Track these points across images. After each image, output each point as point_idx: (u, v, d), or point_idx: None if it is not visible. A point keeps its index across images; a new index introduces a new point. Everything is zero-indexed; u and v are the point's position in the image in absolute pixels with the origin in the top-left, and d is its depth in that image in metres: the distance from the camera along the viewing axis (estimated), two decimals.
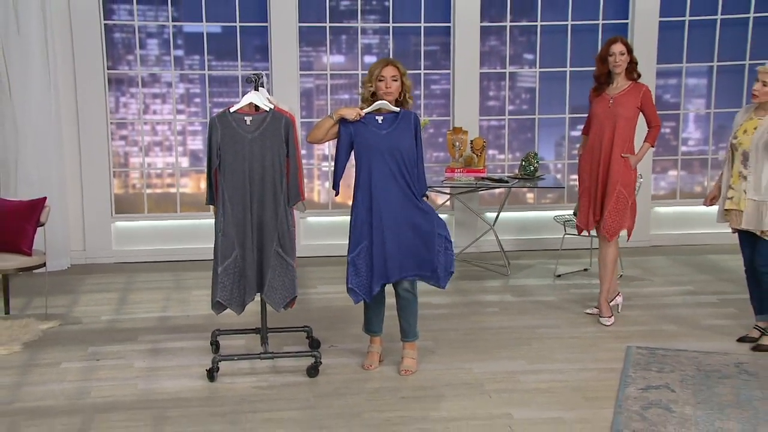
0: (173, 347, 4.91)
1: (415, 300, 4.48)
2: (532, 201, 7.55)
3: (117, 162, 7.08)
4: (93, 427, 3.86)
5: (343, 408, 4.05)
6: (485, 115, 7.31)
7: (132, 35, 6.92)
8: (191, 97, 7.14)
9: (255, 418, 3.94)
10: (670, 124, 7.45)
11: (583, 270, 6.62)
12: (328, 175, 7.30)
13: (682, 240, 7.42)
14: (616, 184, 5.16)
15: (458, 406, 4.05)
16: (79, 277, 6.52)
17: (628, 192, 5.20)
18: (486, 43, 7.24)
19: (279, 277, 4.30)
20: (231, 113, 4.25)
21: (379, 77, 4.31)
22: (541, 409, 4.01)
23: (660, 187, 7.61)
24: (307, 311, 5.55)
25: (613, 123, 5.16)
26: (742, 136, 4.70)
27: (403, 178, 4.29)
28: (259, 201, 4.26)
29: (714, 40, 7.31)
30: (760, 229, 4.64)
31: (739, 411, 3.92)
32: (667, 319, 5.36)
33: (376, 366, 4.55)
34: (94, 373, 4.51)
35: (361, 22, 7.10)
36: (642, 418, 3.86)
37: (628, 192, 5.20)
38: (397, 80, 4.33)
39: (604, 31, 7.16)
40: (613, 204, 5.17)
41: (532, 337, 5.04)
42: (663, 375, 4.38)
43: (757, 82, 4.63)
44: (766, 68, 4.61)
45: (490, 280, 6.41)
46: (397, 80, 4.33)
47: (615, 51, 5.13)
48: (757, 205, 4.64)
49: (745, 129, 4.71)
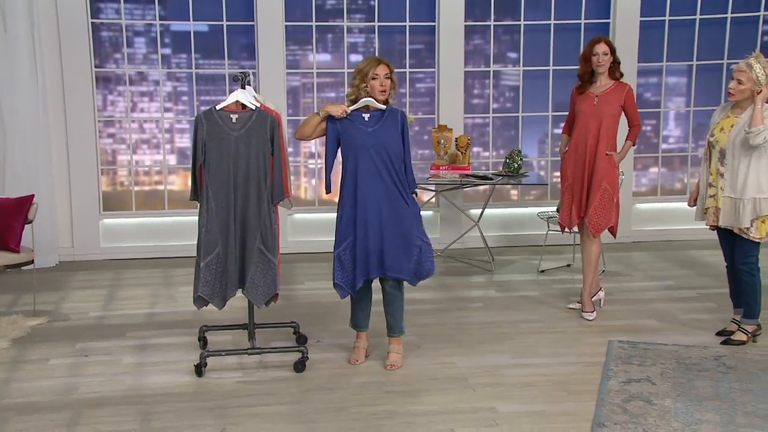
0: (161, 343, 4.94)
1: (401, 296, 4.54)
2: (516, 198, 7.62)
3: (105, 159, 7.10)
4: (81, 422, 3.89)
5: (330, 402, 4.10)
6: (470, 113, 7.38)
7: (119, 34, 6.93)
8: (179, 95, 7.17)
9: (242, 412, 3.98)
10: (650, 121, 7.55)
11: (566, 266, 6.70)
12: (314, 172, 7.35)
13: (663, 236, 7.52)
14: (602, 181, 5.24)
15: (443, 400, 4.10)
16: (67, 274, 6.54)
17: (613, 189, 5.27)
18: (470, 42, 7.31)
19: (261, 274, 4.34)
20: (217, 111, 4.29)
21: (373, 76, 4.35)
22: (524, 403, 4.07)
23: (641, 183, 7.71)
24: (294, 307, 5.59)
25: (598, 121, 5.23)
26: (719, 134, 4.75)
27: (389, 175, 4.34)
28: (243, 198, 4.30)
29: (693, 40, 7.41)
30: (738, 227, 4.68)
31: (718, 403, 4.01)
32: (648, 314, 5.45)
33: (362, 361, 4.61)
34: (82, 369, 4.55)
35: (347, 21, 7.15)
36: (623, 410, 3.93)
37: (613, 189, 5.27)
38: (389, 78, 4.39)
39: (586, 30, 7.25)
40: (598, 201, 5.24)
41: (516, 332, 5.11)
42: (644, 368, 4.46)
43: (733, 80, 4.68)
44: (741, 66, 4.64)
45: (474, 276, 6.48)
46: (389, 78, 4.39)
47: (599, 51, 5.20)
48: (733, 203, 4.68)
49: (722, 127, 4.76)
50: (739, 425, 3.76)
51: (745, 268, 4.76)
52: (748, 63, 4.61)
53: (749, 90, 4.62)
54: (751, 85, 4.61)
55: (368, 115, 4.36)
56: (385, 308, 4.56)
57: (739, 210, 4.65)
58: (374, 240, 4.34)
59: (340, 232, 4.41)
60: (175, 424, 3.86)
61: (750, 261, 4.75)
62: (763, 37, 7.43)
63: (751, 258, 4.74)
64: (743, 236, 4.69)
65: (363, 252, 4.35)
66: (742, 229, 4.67)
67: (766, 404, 3.99)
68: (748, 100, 4.67)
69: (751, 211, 4.63)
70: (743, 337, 4.85)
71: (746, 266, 4.76)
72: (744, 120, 4.65)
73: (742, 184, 4.64)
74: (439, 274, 6.51)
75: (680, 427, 3.74)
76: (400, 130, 4.36)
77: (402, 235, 4.36)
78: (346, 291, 4.42)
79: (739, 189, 4.66)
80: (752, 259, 4.75)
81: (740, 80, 4.62)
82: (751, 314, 4.85)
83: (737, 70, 4.65)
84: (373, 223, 4.33)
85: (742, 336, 4.85)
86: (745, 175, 4.63)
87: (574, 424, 3.83)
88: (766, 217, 4.63)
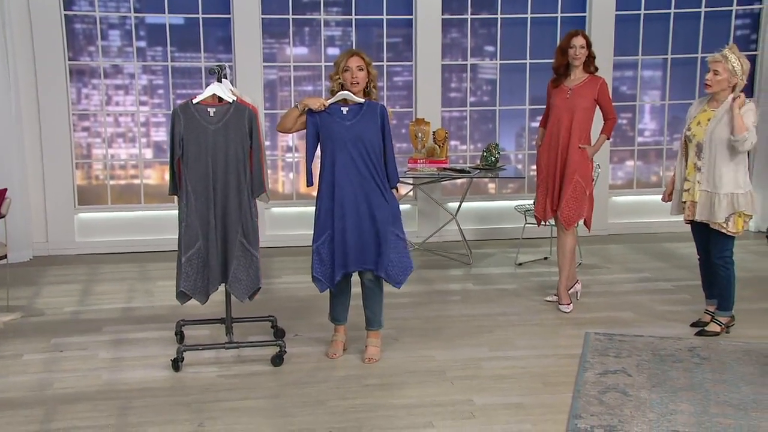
0: (138, 338, 4.91)
1: (379, 290, 4.54)
2: (493, 191, 7.65)
3: (79, 153, 7.03)
4: (56, 418, 3.85)
5: (308, 396, 4.09)
6: (447, 107, 7.39)
7: (93, 26, 6.86)
8: (154, 89, 7.11)
9: (220, 407, 3.97)
10: (626, 115, 7.60)
11: (543, 258, 6.74)
12: (292, 166, 7.33)
13: (639, 228, 7.59)
14: (573, 174, 5.27)
15: (421, 393, 4.12)
16: (42, 269, 6.48)
17: (585, 182, 5.30)
18: (447, 36, 7.31)
19: (243, 268, 4.33)
20: (194, 104, 4.26)
21: (345, 68, 4.34)
22: (502, 395, 4.09)
23: (617, 177, 7.77)
24: (271, 301, 5.58)
25: (571, 114, 5.26)
26: (696, 128, 4.77)
27: (366, 168, 4.33)
28: (223, 192, 4.29)
29: (668, 34, 7.47)
30: (713, 221, 4.71)
31: (692, 393, 4.05)
32: (624, 306, 5.49)
33: (340, 354, 4.61)
34: (57, 365, 4.51)
35: (324, 15, 7.13)
36: (600, 402, 3.97)
37: (585, 182, 5.30)
38: (363, 70, 4.36)
39: (562, 24, 7.28)
40: (570, 194, 5.27)
41: (494, 325, 5.13)
42: (620, 360, 4.50)
43: (709, 72, 4.70)
44: (716, 57, 4.67)
45: (452, 269, 6.50)
46: (363, 70, 4.36)
47: (576, 44, 5.22)
48: (709, 196, 4.71)
49: (698, 121, 4.77)
50: (712, 415, 3.81)
51: (720, 261, 4.80)
52: (723, 54, 4.65)
53: (726, 81, 4.66)
54: (728, 76, 4.64)
55: (347, 108, 4.35)
56: (364, 302, 4.56)
57: (715, 204, 4.68)
58: (352, 234, 4.34)
59: (319, 225, 4.40)
60: (152, 419, 3.84)
61: (725, 255, 4.79)
62: (735, 32, 7.50)
63: (726, 252, 4.79)
64: (719, 230, 4.72)
65: (341, 245, 4.34)
66: (719, 224, 4.70)
67: (738, 394, 4.04)
68: (725, 92, 4.70)
69: (727, 206, 4.65)
70: (717, 328, 4.90)
71: (721, 260, 4.80)
72: (721, 114, 4.68)
73: (719, 178, 4.67)
74: (417, 267, 6.52)
75: (655, 418, 3.78)
76: (380, 124, 4.35)
77: (380, 230, 4.36)
78: (324, 284, 4.42)
79: (715, 183, 4.68)
80: (727, 252, 4.79)
81: (717, 71, 4.65)
82: (725, 306, 4.90)
83: (713, 61, 4.68)
84: (350, 217, 4.33)
85: (716, 327, 4.90)
86: (722, 169, 4.65)
87: (550, 416, 3.86)
88: (742, 212, 4.67)
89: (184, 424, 3.79)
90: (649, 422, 3.74)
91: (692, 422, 3.73)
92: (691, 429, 3.67)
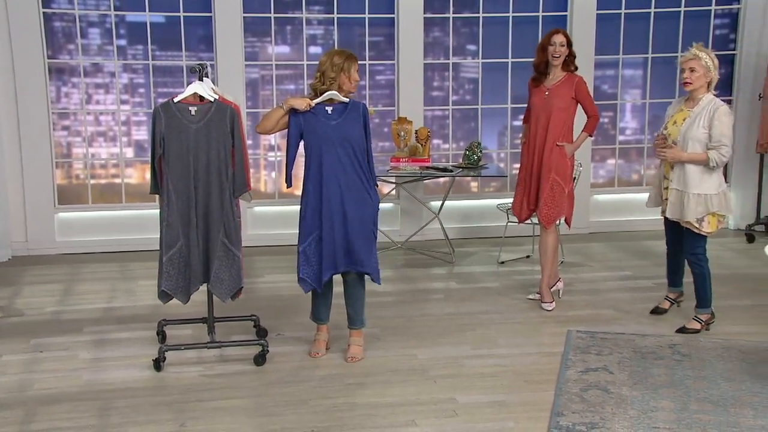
0: (119, 338, 4.88)
1: (362, 289, 4.54)
2: (475, 190, 7.67)
3: (59, 152, 6.98)
4: (36, 419, 3.82)
5: (291, 395, 4.09)
6: (429, 105, 7.40)
7: (73, 24, 6.81)
8: (135, 87, 7.07)
9: (202, 406, 3.96)
10: (608, 114, 7.65)
11: (526, 257, 6.76)
12: (274, 165, 7.31)
13: (620, 227, 7.63)
14: (550, 172, 5.28)
15: (404, 392, 4.12)
16: (21, 269, 6.42)
17: (564, 180, 5.32)
18: (430, 34, 7.32)
19: (225, 268, 4.31)
20: (175, 103, 4.24)
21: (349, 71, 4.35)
22: (484, 393, 4.10)
23: (599, 175, 7.81)
24: (254, 300, 5.56)
25: (548, 114, 5.28)
26: (672, 127, 4.82)
27: (353, 167, 4.33)
28: (205, 191, 4.27)
29: (648, 33, 7.51)
30: (683, 220, 4.77)
31: (673, 390, 4.08)
32: (606, 304, 5.52)
33: (322, 354, 4.60)
34: (37, 366, 4.47)
35: (306, 13, 7.11)
36: (581, 399, 3.99)
37: (564, 180, 5.32)
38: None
39: (544, 23, 7.30)
40: (548, 192, 5.29)
41: (476, 323, 5.14)
42: (602, 357, 4.53)
43: (685, 71, 4.75)
44: (689, 56, 4.74)
45: (435, 268, 6.51)
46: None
47: (556, 41, 5.24)
48: (679, 195, 4.76)
49: (674, 120, 4.83)
50: (692, 411, 3.84)
51: (693, 258, 4.86)
52: (693, 53, 4.73)
53: (703, 77, 4.72)
54: (704, 72, 4.71)
55: (331, 108, 4.35)
56: (347, 301, 4.56)
57: (685, 203, 4.74)
58: (340, 233, 4.34)
59: (305, 225, 4.39)
60: (133, 420, 3.82)
61: (698, 252, 4.84)
62: (714, 31, 7.56)
63: (699, 249, 4.83)
64: (692, 229, 4.77)
65: (330, 246, 4.34)
66: (689, 222, 4.75)
67: (718, 390, 4.08)
68: (702, 88, 4.76)
69: (697, 206, 4.70)
70: (697, 325, 4.94)
71: (694, 257, 4.85)
72: (695, 114, 4.73)
73: (689, 178, 4.72)
74: (400, 266, 6.54)
75: (636, 415, 3.81)
76: (363, 123, 4.36)
77: (366, 229, 4.37)
78: (310, 285, 4.42)
79: (686, 182, 4.74)
80: (700, 250, 4.83)
81: (693, 68, 4.71)
82: (704, 304, 4.94)
83: (687, 60, 4.74)
84: (338, 217, 4.33)
85: (696, 325, 4.94)
86: (693, 169, 4.71)
87: (533, 413, 3.87)
88: (716, 212, 4.72)
89: (166, 424, 3.77)
90: (630, 419, 3.76)
91: (672, 419, 3.76)
92: (672, 426, 3.70)
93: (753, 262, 6.55)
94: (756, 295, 5.66)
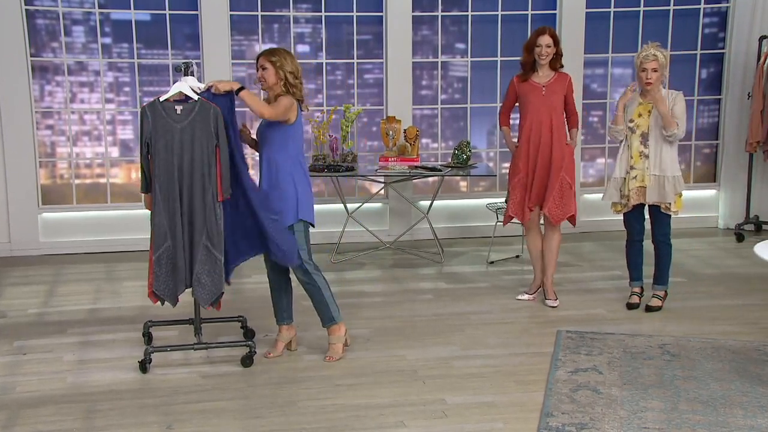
0: (104, 339, 4.83)
1: (315, 288, 4.47)
2: (465, 189, 7.64)
3: (43, 152, 6.90)
4: (19, 422, 3.77)
5: (278, 397, 4.05)
6: (418, 104, 7.37)
7: (56, 22, 6.73)
8: (120, 86, 7.00)
9: (189, 408, 3.91)
10: (597, 112, 7.64)
11: (515, 257, 6.74)
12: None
13: (610, 226, 7.60)
14: (560, 171, 5.27)
15: (393, 393, 4.09)
16: (4, 270, 6.35)
17: (571, 178, 5.32)
18: (418, 33, 7.29)
19: (207, 272, 4.23)
20: (161, 102, 4.19)
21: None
22: (473, 394, 4.08)
23: (588, 174, 7.80)
24: (241, 301, 5.52)
25: (550, 111, 5.26)
26: (638, 119, 5.10)
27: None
28: (189, 192, 4.20)
29: (638, 32, 7.51)
30: (663, 201, 5.09)
31: (662, 390, 4.07)
32: (596, 304, 5.50)
33: (277, 354, 4.55)
34: (21, 368, 4.41)
35: (293, 11, 7.07)
36: (571, 400, 3.96)
37: (571, 178, 5.32)
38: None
39: (533, 21, 7.28)
40: (557, 191, 5.27)
41: (466, 324, 5.12)
42: (591, 358, 4.51)
43: (646, 71, 4.99)
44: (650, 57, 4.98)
45: (424, 268, 6.48)
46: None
47: (542, 43, 5.22)
48: (658, 179, 5.08)
49: (639, 113, 5.10)
50: (682, 411, 3.82)
51: (664, 239, 5.23)
52: (653, 54, 5.01)
53: (661, 75, 5.05)
54: (661, 70, 5.03)
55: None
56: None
57: (665, 186, 5.08)
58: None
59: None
60: (119, 422, 3.77)
61: (667, 232, 5.22)
62: (703, 30, 7.56)
63: (667, 229, 5.22)
64: (665, 211, 5.13)
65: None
66: (666, 204, 5.10)
67: (707, 390, 4.07)
68: (657, 84, 5.05)
69: (672, 188, 5.05)
70: (659, 302, 5.31)
71: (664, 237, 5.22)
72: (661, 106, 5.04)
73: (665, 162, 5.08)
74: (388, 266, 6.51)
75: (626, 416, 3.78)
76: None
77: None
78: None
79: (662, 167, 5.08)
80: (668, 230, 5.22)
81: (655, 69, 5.01)
82: (664, 281, 5.32)
83: (648, 60, 5.01)
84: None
85: (659, 302, 5.31)
86: (667, 154, 5.07)
87: (522, 414, 3.85)
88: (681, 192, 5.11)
89: (152, 427, 3.72)
90: (620, 420, 3.74)
91: (662, 419, 3.75)
92: (662, 426, 3.68)
93: (743, 262, 6.55)
94: (745, 295, 5.66)
